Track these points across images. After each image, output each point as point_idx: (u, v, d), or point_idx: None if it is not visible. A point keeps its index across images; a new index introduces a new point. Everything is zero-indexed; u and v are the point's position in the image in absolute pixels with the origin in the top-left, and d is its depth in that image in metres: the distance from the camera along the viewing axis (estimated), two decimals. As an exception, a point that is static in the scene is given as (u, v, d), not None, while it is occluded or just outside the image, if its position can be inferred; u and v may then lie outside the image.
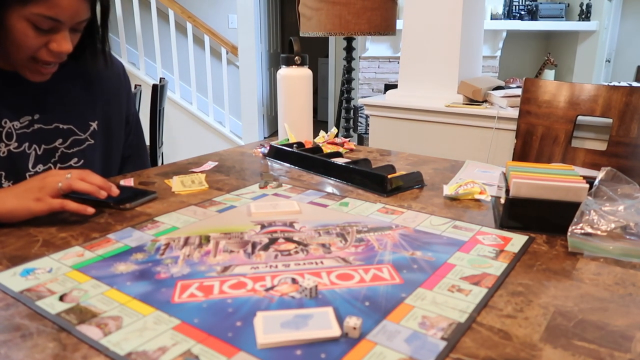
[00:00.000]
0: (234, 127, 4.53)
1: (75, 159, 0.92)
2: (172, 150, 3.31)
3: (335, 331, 0.44)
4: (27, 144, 0.86)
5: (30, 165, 0.87)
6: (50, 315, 0.47)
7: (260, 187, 0.88)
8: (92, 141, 0.95)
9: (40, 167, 0.88)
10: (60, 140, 0.90)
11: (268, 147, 1.13)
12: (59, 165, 0.90)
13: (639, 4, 4.35)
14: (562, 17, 3.89)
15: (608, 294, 0.52)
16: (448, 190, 0.84)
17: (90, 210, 0.71)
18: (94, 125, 0.95)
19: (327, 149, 1.15)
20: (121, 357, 0.41)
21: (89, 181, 0.73)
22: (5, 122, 0.84)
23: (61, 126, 0.90)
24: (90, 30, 0.86)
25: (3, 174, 0.84)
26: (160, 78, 2.81)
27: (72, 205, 0.70)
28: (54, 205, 0.70)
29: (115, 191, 0.75)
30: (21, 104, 0.86)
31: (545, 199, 0.67)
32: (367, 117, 3.30)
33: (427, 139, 1.97)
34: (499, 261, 0.59)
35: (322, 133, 1.26)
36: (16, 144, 0.85)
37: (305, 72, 1.18)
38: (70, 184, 0.72)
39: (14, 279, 0.55)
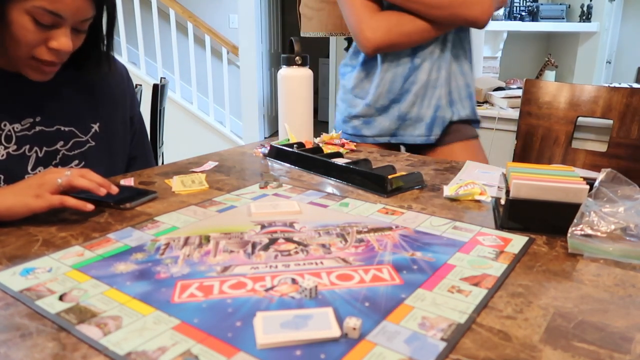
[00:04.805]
0: (235, 127, 4.53)
1: (77, 161, 0.92)
2: (172, 150, 3.32)
3: (335, 332, 0.44)
4: (27, 147, 0.86)
5: (29, 168, 0.86)
6: (49, 315, 0.47)
7: (261, 187, 0.88)
8: (94, 143, 0.94)
9: (40, 169, 0.88)
10: (61, 143, 0.90)
11: (268, 147, 1.13)
12: (59, 167, 0.90)
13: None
14: (563, 18, 3.89)
15: (608, 295, 0.52)
16: (448, 191, 0.84)
17: (90, 206, 0.71)
18: (96, 127, 0.95)
19: (327, 149, 1.15)
20: (121, 357, 0.41)
21: (88, 178, 0.73)
22: (5, 125, 0.84)
23: (62, 128, 0.90)
24: (94, 38, 0.86)
25: (2, 176, 0.83)
26: (161, 78, 2.81)
27: (71, 201, 0.70)
28: (53, 201, 0.69)
29: (115, 189, 0.75)
30: (22, 106, 0.86)
31: (546, 200, 0.67)
32: (367, 117, 3.29)
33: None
34: (499, 262, 0.59)
35: (324, 135, 1.26)
36: (15, 147, 0.85)
37: (305, 73, 1.18)
38: (70, 181, 0.71)
39: (13, 278, 0.55)
